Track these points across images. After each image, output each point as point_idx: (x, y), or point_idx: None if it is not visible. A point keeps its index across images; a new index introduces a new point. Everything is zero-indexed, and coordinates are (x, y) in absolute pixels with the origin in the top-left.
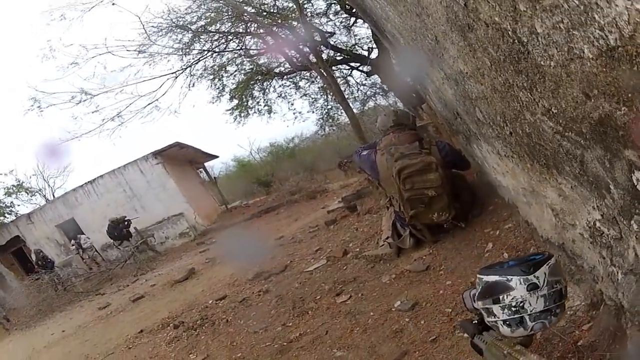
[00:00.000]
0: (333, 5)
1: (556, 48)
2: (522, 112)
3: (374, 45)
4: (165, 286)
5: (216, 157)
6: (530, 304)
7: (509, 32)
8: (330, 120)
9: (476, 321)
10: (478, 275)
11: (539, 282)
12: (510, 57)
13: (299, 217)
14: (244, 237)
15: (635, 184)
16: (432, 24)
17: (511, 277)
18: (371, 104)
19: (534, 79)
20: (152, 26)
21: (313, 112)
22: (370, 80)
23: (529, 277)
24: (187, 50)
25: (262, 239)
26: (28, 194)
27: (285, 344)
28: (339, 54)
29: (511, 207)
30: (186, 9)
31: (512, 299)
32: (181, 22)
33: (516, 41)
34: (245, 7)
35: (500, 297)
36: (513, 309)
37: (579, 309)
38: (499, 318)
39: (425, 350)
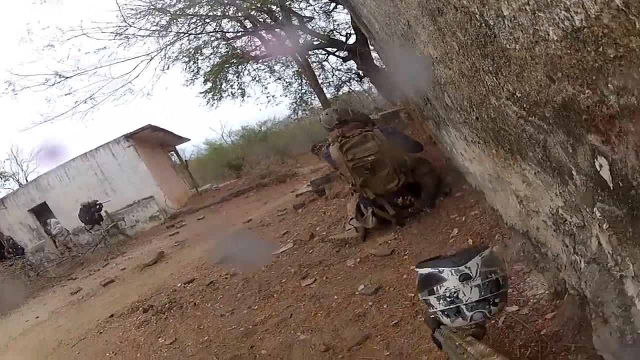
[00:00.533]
0: None
1: (521, 31)
2: (487, 96)
3: (352, 31)
4: (135, 270)
5: (188, 140)
6: (465, 294)
7: (477, 16)
8: (304, 105)
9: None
10: (415, 269)
11: (471, 272)
12: (477, 41)
13: (268, 201)
14: (213, 220)
15: (598, 169)
16: (405, 8)
17: (442, 268)
18: (345, 89)
19: (500, 62)
20: (130, 9)
21: (286, 96)
22: (346, 65)
23: (460, 267)
24: (164, 32)
25: (231, 222)
26: (1, 178)
27: (250, 327)
28: (316, 39)
29: (478, 194)
30: None
31: (446, 289)
32: (159, 5)
33: (483, 24)
34: None
35: (435, 288)
36: (448, 299)
37: (542, 298)
38: (437, 309)
39: (387, 334)
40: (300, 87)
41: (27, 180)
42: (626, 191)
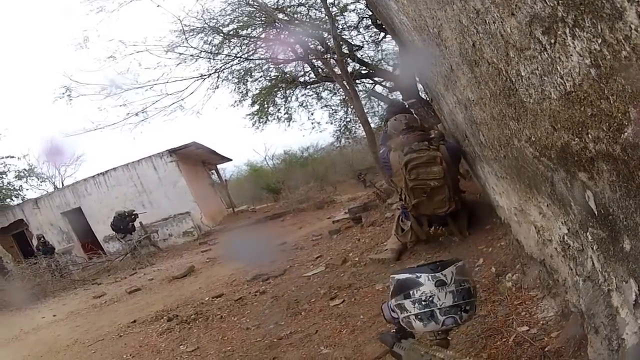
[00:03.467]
0: (364, 19)
1: (534, 89)
2: (511, 138)
3: (400, 63)
4: (163, 281)
5: (230, 160)
6: (439, 299)
7: (503, 72)
8: (347, 133)
9: (394, 330)
10: (391, 276)
11: (446, 279)
12: (504, 92)
13: (303, 226)
14: (247, 240)
15: (587, 200)
16: (449, 54)
17: (420, 274)
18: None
19: (520, 111)
20: (185, 25)
21: (331, 123)
22: (392, 96)
23: (437, 274)
24: (217, 53)
25: (265, 243)
26: (38, 179)
27: (275, 340)
28: (364, 67)
29: (506, 227)
30: (220, 11)
31: (422, 293)
32: (213, 24)
33: (508, 80)
34: (277, 14)
35: (411, 292)
36: (423, 302)
37: (550, 319)
38: (411, 312)
39: None
40: (345, 116)
41: (62, 184)
42: (606, 217)
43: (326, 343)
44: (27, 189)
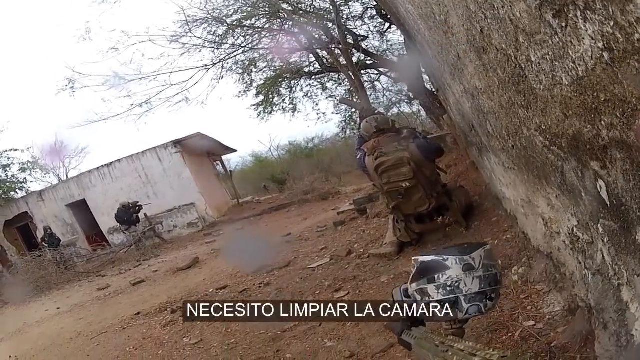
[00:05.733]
0: (369, 9)
1: (544, 75)
2: (520, 127)
3: (405, 53)
4: (167, 273)
5: (235, 150)
6: (466, 284)
7: (513, 58)
8: (353, 124)
9: (404, 318)
10: (414, 259)
11: (474, 263)
12: (513, 79)
13: (308, 217)
14: (252, 231)
15: (599, 190)
16: (456, 42)
17: (447, 257)
18: (395, 110)
19: (529, 99)
20: (188, 16)
21: (337, 113)
22: (397, 86)
23: (465, 257)
24: (221, 43)
25: (270, 234)
26: (42, 172)
27: (279, 332)
28: (369, 58)
29: (512, 219)
30: (223, 1)
31: (448, 277)
32: (217, 14)
33: (517, 66)
34: (282, 4)
35: (436, 276)
36: (448, 288)
37: (557, 314)
38: (433, 298)
39: None
40: (350, 106)
41: (67, 176)
42: (619, 208)
43: (330, 336)
44: (31, 182)
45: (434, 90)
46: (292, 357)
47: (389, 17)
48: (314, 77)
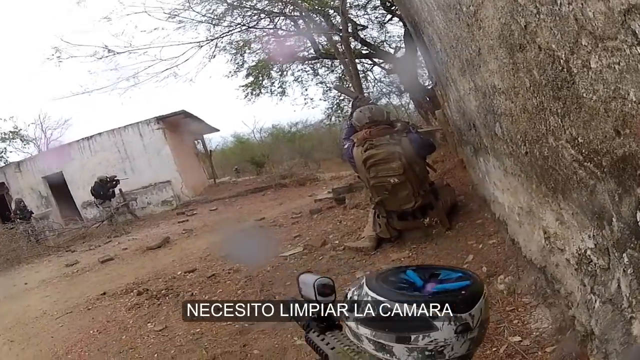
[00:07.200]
0: None
1: (603, 84)
2: (546, 135)
3: (403, 45)
4: (136, 251)
5: (217, 130)
6: (453, 349)
7: (561, 61)
8: (339, 111)
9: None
10: (369, 293)
11: (472, 322)
12: (553, 83)
13: (284, 202)
14: (225, 213)
15: (638, 220)
16: (481, 36)
17: (437, 312)
18: (384, 101)
19: (570, 107)
20: None
21: (325, 100)
22: (389, 78)
23: (463, 315)
24: (220, 21)
25: (243, 218)
26: (22, 141)
27: (246, 325)
28: (365, 47)
29: (500, 224)
30: None
31: (432, 341)
32: None
33: (565, 70)
34: None
35: (413, 337)
36: (427, 353)
37: (545, 331)
38: (398, 359)
39: None
40: (339, 94)
41: (47, 147)
42: None
43: (300, 333)
44: (10, 152)
45: (429, 84)
46: (260, 353)
47: (392, 8)
48: (307, 62)
